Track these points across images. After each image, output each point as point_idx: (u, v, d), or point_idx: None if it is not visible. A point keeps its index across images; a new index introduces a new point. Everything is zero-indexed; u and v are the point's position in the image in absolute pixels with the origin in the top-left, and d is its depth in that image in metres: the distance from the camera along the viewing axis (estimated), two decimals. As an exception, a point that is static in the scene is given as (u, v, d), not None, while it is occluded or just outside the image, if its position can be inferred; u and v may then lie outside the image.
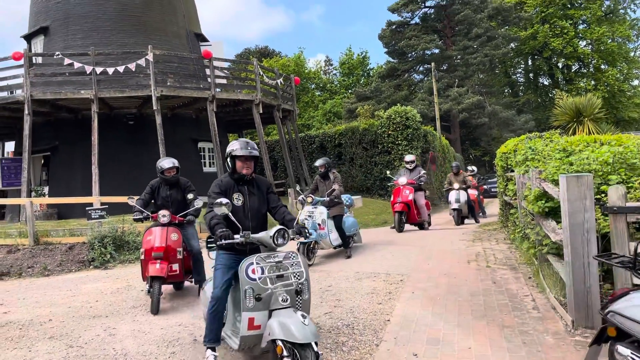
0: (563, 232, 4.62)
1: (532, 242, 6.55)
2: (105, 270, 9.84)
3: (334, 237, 8.95)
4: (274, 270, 3.93)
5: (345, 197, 9.60)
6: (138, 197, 6.84)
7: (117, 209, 13.18)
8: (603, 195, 4.59)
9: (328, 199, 8.93)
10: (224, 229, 4.01)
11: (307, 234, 4.27)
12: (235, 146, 4.36)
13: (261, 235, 4.09)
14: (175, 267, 6.43)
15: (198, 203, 6.85)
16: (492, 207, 20.74)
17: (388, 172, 15.44)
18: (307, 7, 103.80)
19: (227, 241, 3.97)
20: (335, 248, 9.20)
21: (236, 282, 4.13)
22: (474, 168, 18.79)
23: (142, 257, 6.48)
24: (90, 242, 10.53)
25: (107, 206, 11.61)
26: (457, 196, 14.49)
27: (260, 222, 4.39)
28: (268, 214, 4.55)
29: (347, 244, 9.19)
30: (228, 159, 4.39)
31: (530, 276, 6.58)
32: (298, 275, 3.98)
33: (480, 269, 7.36)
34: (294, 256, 4.10)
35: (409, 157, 13.12)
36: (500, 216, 12.26)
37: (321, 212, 8.81)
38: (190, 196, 6.83)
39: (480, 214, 17.92)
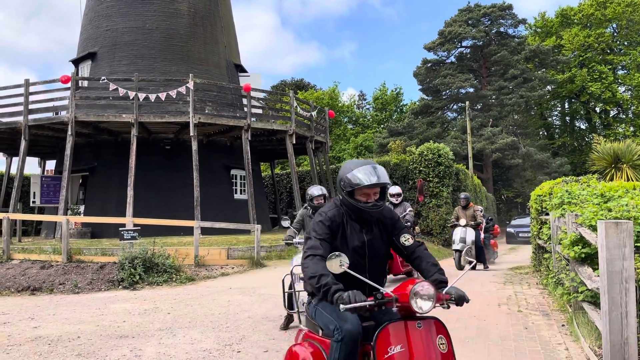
0: (600, 279, 4.49)
1: (567, 289, 6.36)
2: (133, 291, 9.96)
3: None
4: None
5: None
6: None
7: (149, 230, 13.44)
8: (643, 243, 4.46)
9: None
10: None
11: None
12: None
13: None
14: None
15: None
16: (518, 253, 20.27)
17: None
18: (340, 44, 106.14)
19: None
20: None
21: None
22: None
23: None
24: (120, 262, 10.71)
25: (139, 227, 11.86)
26: (462, 234, 12.25)
27: None
28: None
29: None
30: None
31: (564, 324, 6.37)
32: None
33: (511, 313, 7.17)
34: None
35: (394, 190, 10.52)
36: (533, 260, 11.97)
37: None
38: None
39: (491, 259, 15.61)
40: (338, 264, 2.77)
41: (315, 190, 6.95)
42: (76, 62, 21.06)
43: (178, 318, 7.24)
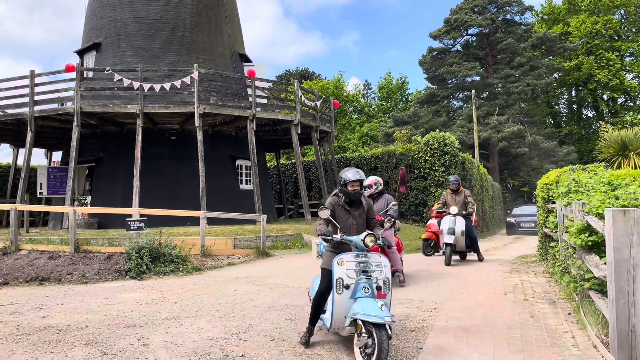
0: (607, 267, 4.47)
1: (573, 277, 6.35)
2: (140, 280, 10.02)
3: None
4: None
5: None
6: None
7: (156, 221, 13.50)
8: (651, 231, 4.43)
9: (386, 243, 5.26)
10: None
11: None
12: None
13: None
14: None
15: None
16: (522, 243, 20.25)
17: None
18: (342, 34, 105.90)
19: None
20: None
21: None
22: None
23: None
24: (127, 252, 10.77)
25: (145, 218, 11.90)
26: (451, 224, 11.02)
27: None
28: None
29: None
30: None
31: (571, 312, 6.36)
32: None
33: (517, 301, 7.16)
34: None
35: (370, 180, 8.86)
36: (540, 248, 11.95)
37: (385, 265, 5.06)
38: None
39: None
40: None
41: (351, 174, 5.36)
42: (81, 53, 21.06)
43: (185, 307, 7.28)
